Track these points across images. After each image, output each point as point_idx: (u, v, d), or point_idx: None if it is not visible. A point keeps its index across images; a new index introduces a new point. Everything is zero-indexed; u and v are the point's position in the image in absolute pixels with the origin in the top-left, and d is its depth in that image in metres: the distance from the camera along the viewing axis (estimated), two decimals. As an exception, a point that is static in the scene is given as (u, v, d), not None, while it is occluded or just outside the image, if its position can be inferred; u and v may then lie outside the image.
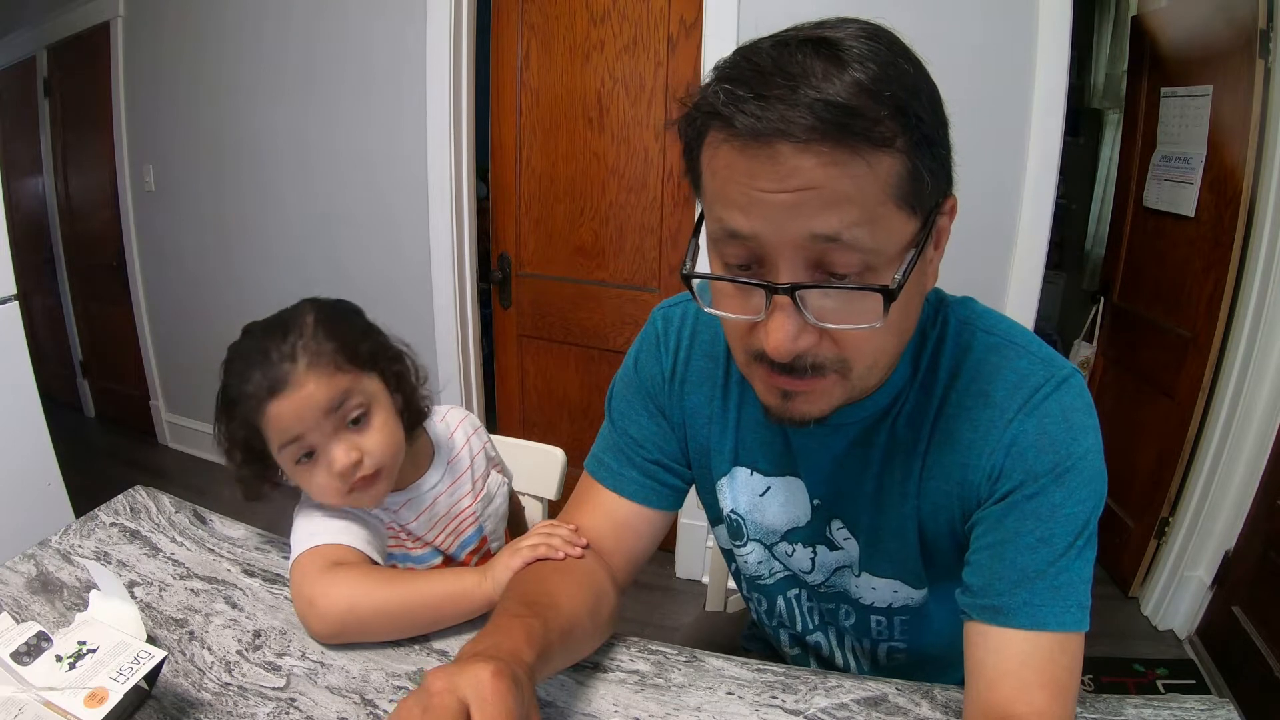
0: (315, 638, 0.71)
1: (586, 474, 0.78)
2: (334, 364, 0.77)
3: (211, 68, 2.43)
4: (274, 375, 0.75)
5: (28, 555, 0.82)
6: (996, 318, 0.64)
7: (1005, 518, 0.58)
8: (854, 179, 0.46)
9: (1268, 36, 1.61)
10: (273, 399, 0.74)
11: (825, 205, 0.46)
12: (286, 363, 0.75)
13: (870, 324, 0.50)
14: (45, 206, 3.14)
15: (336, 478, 0.75)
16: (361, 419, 0.78)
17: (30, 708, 0.54)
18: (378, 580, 0.72)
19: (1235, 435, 1.73)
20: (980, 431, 0.59)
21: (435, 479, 0.89)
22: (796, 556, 0.73)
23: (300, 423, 0.74)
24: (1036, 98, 1.60)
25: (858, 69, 0.45)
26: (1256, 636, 1.60)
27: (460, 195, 2.13)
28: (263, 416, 0.75)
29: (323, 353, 0.77)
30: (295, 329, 0.79)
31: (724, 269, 0.53)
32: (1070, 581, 0.56)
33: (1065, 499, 0.56)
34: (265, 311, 0.87)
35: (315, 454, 0.76)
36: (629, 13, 1.88)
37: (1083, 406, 0.58)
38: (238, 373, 0.78)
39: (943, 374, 0.62)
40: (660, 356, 0.74)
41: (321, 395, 0.75)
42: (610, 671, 0.68)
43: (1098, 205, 2.76)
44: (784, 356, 0.51)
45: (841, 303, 0.50)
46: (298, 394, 0.74)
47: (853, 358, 0.54)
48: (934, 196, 0.51)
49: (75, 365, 3.34)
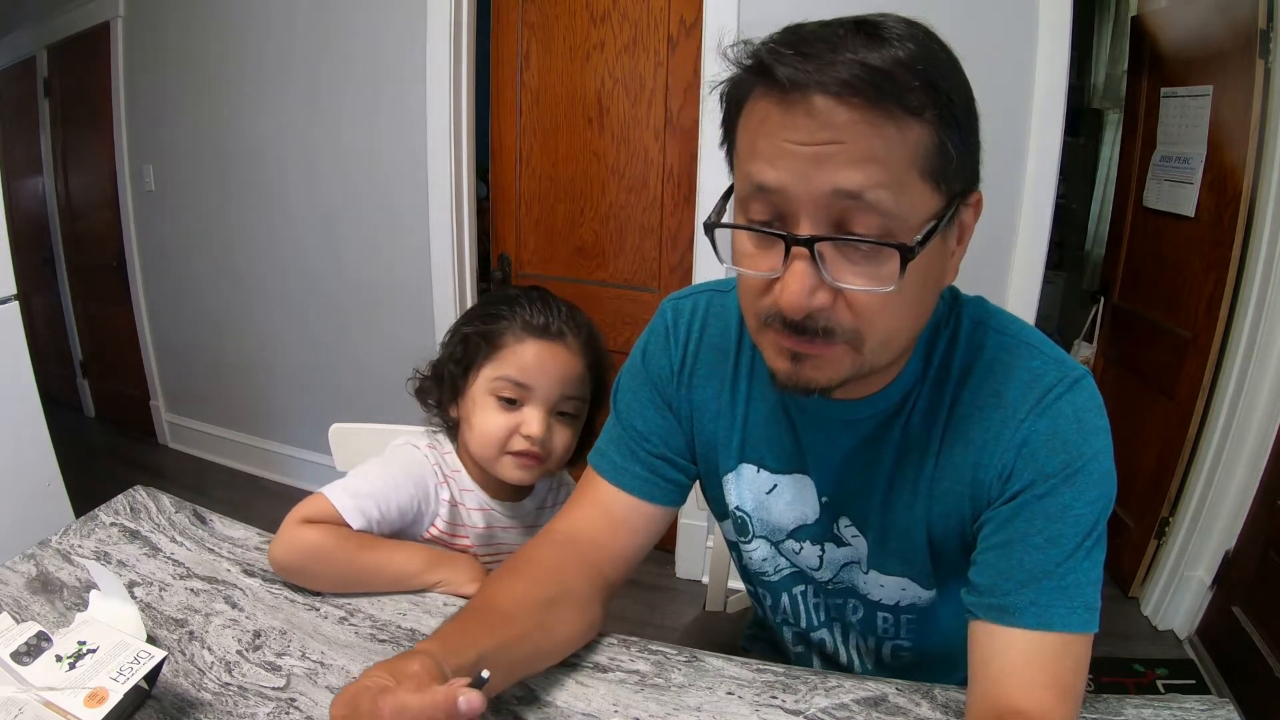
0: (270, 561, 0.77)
1: (589, 468, 0.77)
2: (589, 363, 0.87)
3: (212, 68, 2.43)
4: (554, 326, 0.84)
5: (28, 555, 0.82)
6: (1009, 318, 0.64)
7: (1014, 518, 0.58)
8: (883, 140, 0.47)
9: (1268, 36, 1.61)
10: (538, 338, 0.83)
11: (851, 161, 0.47)
12: (566, 327, 0.85)
13: (886, 287, 0.50)
14: (45, 206, 3.14)
15: (518, 436, 0.82)
16: (569, 418, 0.86)
17: (30, 708, 0.54)
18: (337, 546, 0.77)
19: (1235, 435, 1.73)
20: (992, 431, 0.59)
21: (520, 513, 0.93)
22: (804, 554, 0.73)
23: (540, 371, 0.82)
24: (1036, 98, 1.61)
25: (896, 45, 0.47)
26: (1256, 636, 1.59)
27: (460, 195, 2.13)
28: (518, 343, 0.83)
29: (589, 350, 0.87)
30: (579, 317, 0.89)
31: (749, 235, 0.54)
32: (1078, 582, 0.56)
33: (1074, 499, 0.56)
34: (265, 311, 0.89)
35: (518, 405, 0.83)
36: (629, 13, 1.88)
37: (1094, 407, 0.59)
38: (514, 299, 0.86)
39: (955, 372, 0.62)
40: (669, 349, 0.74)
41: (572, 371, 0.84)
42: (610, 671, 0.68)
43: (1098, 205, 2.77)
44: (797, 312, 0.51)
45: (859, 261, 0.50)
46: (559, 352, 0.83)
47: (865, 329, 0.53)
48: (959, 180, 0.52)
49: (75, 365, 3.34)
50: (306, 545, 0.76)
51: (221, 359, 2.74)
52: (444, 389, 0.88)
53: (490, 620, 0.61)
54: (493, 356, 0.84)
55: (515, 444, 0.83)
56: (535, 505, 0.95)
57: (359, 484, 0.81)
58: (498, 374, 0.83)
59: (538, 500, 0.95)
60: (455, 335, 0.88)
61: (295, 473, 2.68)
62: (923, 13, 0.53)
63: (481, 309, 0.88)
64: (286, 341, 2.56)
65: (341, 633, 0.72)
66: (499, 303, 0.87)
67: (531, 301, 0.86)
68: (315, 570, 0.76)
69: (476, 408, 0.85)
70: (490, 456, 0.84)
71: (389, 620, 0.74)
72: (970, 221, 0.57)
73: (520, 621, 0.62)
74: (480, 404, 0.84)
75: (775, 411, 0.69)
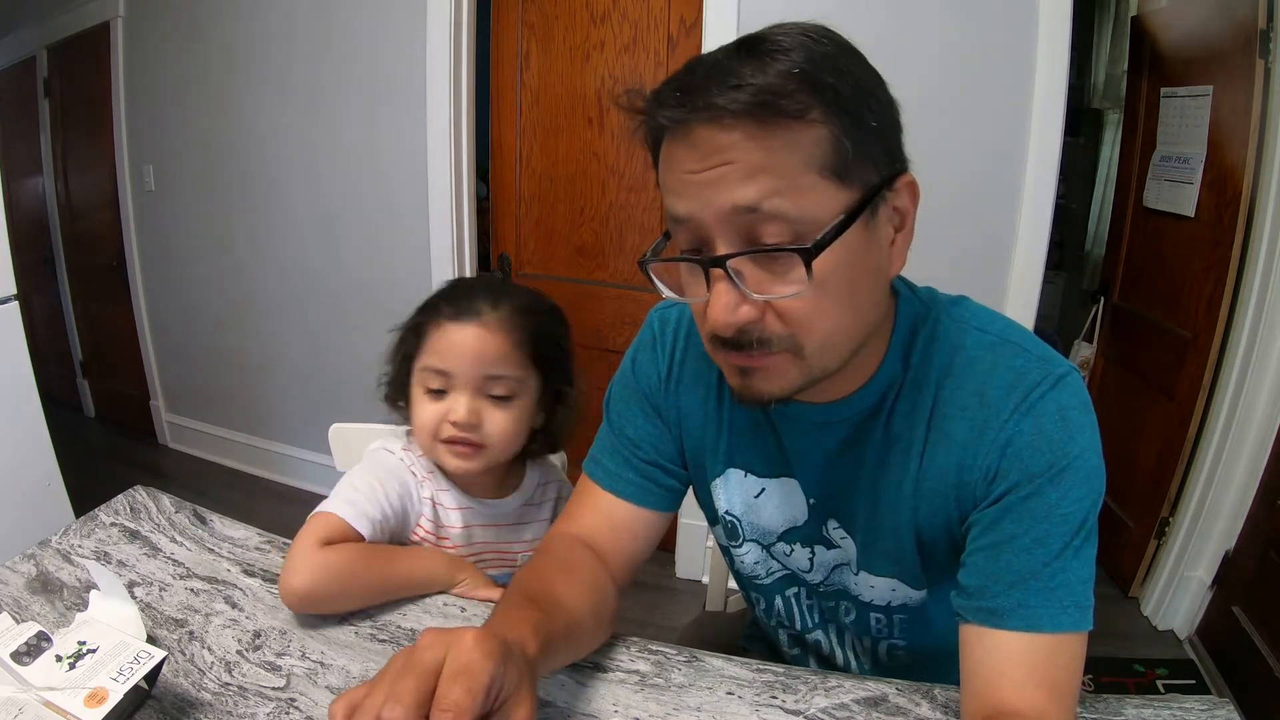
0: (285, 602, 0.73)
1: (585, 475, 0.78)
2: (516, 340, 0.83)
3: (211, 68, 2.43)
4: (470, 306, 0.82)
5: (28, 555, 0.82)
6: (992, 316, 0.64)
7: (1001, 519, 0.58)
8: (768, 151, 0.49)
9: (1268, 36, 1.61)
10: (453, 323, 0.81)
11: (743, 178, 0.49)
12: (486, 305, 0.82)
13: (798, 290, 0.51)
14: (45, 206, 3.14)
15: (443, 424, 0.81)
16: (502, 400, 0.83)
17: (30, 708, 0.54)
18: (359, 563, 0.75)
19: (1235, 435, 1.73)
20: (976, 431, 0.59)
21: (501, 511, 0.91)
22: (795, 556, 0.73)
23: (457, 357, 0.81)
24: (1036, 98, 1.60)
25: (780, 59, 0.49)
26: (1256, 636, 1.59)
27: (460, 195, 2.13)
28: (434, 329, 0.82)
29: (515, 326, 0.83)
30: (511, 292, 0.86)
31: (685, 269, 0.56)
32: (1066, 582, 0.56)
33: (1061, 499, 0.56)
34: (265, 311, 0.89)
35: (445, 394, 0.82)
36: (629, 13, 1.88)
37: (1079, 405, 0.58)
38: (447, 288, 0.86)
39: (934, 371, 0.62)
40: (656, 358, 0.75)
41: (489, 351, 0.81)
42: (610, 671, 0.68)
43: (1098, 205, 2.77)
44: (725, 330, 0.53)
45: (776, 271, 0.52)
46: (475, 332, 0.81)
47: (800, 334, 0.54)
48: (871, 170, 0.52)
49: (75, 365, 3.34)
50: (333, 567, 0.73)
51: (221, 359, 2.74)
52: (393, 383, 0.89)
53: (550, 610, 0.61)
54: (420, 348, 0.84)
55: (444, 431, 0.82)
56: (520, 503, 0.93)
57: (351, 493, 0.81)
58: (423, 364, 0.83)
59: (523, 498, 0.94)
60: (397, 334, 0.89)
61: (295, 473, 2.68)
62: (923, 13, 0.54)
63: (422, 304, 0.88)
64: (286, 341, 2.56)
65: (341, 633, 0.72)
66: (435, 295, 0.87)
67: (469, 287, 0.85)
68: (346, 590, 0.73)
69: (414, 401, 0.85)
70: (429, 447, 0.84)
71: (388, 620, 0.74)
72: (909, 206, 0.57)
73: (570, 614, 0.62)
74: (414, 397, 0.85)
75: (758, 417, 0.69)
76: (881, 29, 1.64)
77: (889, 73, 0.56)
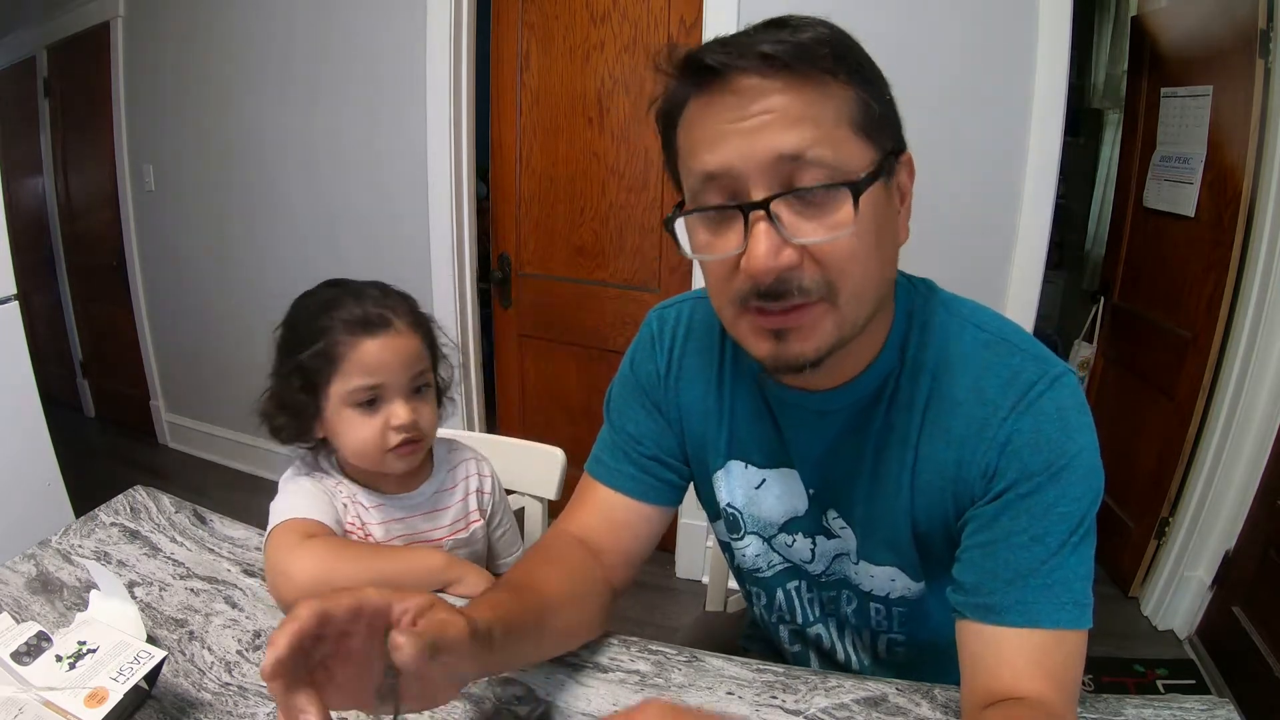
0: (285, 606, 0.72)
1: (585, 474, 0.78)
2: (421, 331, 0.84)
3: (211, 68, 2.43)
4: (374, 314, 0.81)
5: (28, 555, 0.82)
6: (990, 314, 0.65)
7: (999, 516, 0.58)
8: (808, 103, 0.52)
9: (1268, 36, 1.61)
10: (367, 335, 0.80)
11: (786, 126, 0.51)
12: (386, 310, 0.81)
13: (844, 230, 0.52)
14: (45, 206, 3.14)
15: (391, 432, 0.81)
16: (424, 390, 0.85)
17: (30, 708, 0.54)
18: (351, 554, 0.76)
19: (1235, 435, 1.73)
20: (974, 428, 0.59)
21: (415, 501, 0.91)
22: (797, 547, 0.73)
23: (383, 367, 0.80)
24: (1036, 98, 1.60)
25: (808, 30, 0.53)
26: (1256, 636, 1.59)
27: (460, 195, 2.13)
28: (351, 349, 0.80)
29: (416, 320, 0.84)
30: (388, 291, 0.85)
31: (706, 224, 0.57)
32: (1065, 579, 0.56)
33: (1059, 496, 0.56)
34: (265, 311, 0.89)
35: (378, 404, 0.81)
36: (629, 13, 1.88)
37: (1077, 405, 0.59)
38: (327, 304, 0.82)
39: (929, 362, 0.62)
40: (655, 355, 0.76)
41: (413, 349, 0.82)
42: (610, 671, 0.68)
43: (1098, 205, 2.76)
44: (768, 274, 0.53)
45: (814, 216, 0.53)
46: (394, 339, 0.81)
47: (837, 279, 0.54)
48: (888, 137, 0.56)
49: (75, 365, 3.34)
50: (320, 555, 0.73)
51: (221, 359, 2.74)
52: (301, 417, 0.84)
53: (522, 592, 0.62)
54: (335, 371, 0.81)
55: (391, 440, 0.82)
56: (434, 489, 0.92)
57: (293, 501, 0.81)
58: (349, 386, 0.80)
59: (436, 483, 0.93)
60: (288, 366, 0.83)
61: (295, 473, 2.68)
62: (924, 13, 0.54)
63: (301, 328, 0.84)
64: (286, 341, 2.56)
65: (341, 633, 0.72)
66: (313, 315, 0.83)
67: (342, 299, 0.83)
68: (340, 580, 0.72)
69: (340, 423, 0.82)
70: (373, 461, 0.83)
71: (389, 620, 0.74)
72: (908, 183, 0.59)
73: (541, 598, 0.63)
74: (342, 418, 0.82)
75: (758, 408, 0.70)
76: (882, 29, 1.64)
77: (889, 72, 0.57)
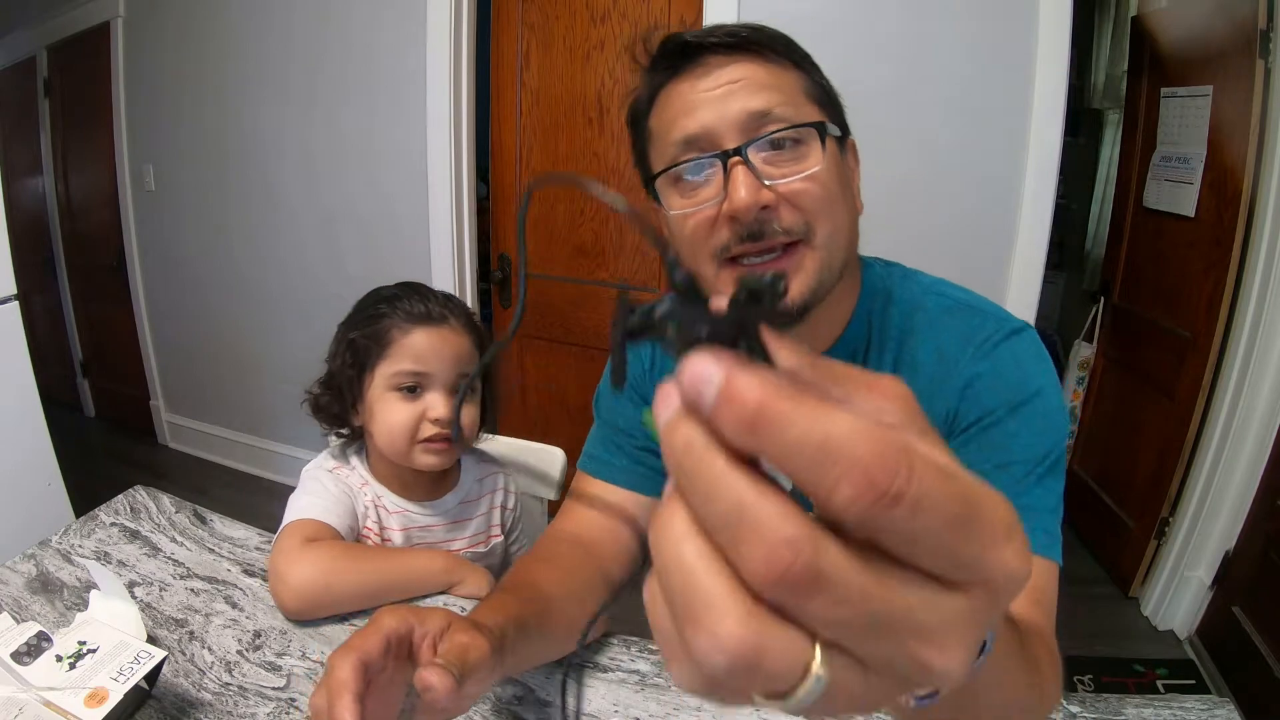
0: (283, 611, 0.72)
1: (579, 473, 0.80)
2: (473, 341, 0.88)
3: (211, 68, 2.43)
4: (431, 310, 0.86)
5: (28, 555, 0.82)
6: (951, 285, 0.68)
7: (962, 450, 0.60)
8: (770, 74, 0.60)
9: (1268, 36, 1.61)
10: (421, 326, 0.84)
11: (754, 90, 0.59)
12: (442, 308, 0.87)
13: (814, 168, 0.58)
14: (45, 206, 3.14)
15: (426, 423, 0.83)
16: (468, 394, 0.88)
17: (30, 708, 0.54)
18: (351, 559, 0.76)
19: (1235, 435, 1.73)
20: (936, 383, 0.62)
21: (439, 510, 0.92)
22: None
23: (432, 356, 0.84)
24: (1036, 98, 1.60)
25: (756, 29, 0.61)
26: (1256, 636, 1.59)
27: (460, 195, 2.13)
28: (403, 334, 0.84)
29: (470, 328, 0.89)
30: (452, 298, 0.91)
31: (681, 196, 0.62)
32: (1030, 505, 0.57)
33: (1021, 428, 0.59)
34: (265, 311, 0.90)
35: (419, 393, 0.84)
36: (629, 13, 1.88)
37: (1035, 355, 0.62)
38: (392, 297, 0.87)
39: (893, 330, 0.66)
40: (638, 350, 0.79)
41: (462, 348, 0.86)
42: (610, 671, 0.68)
43: (1098, 205, 2.76)
44: (750, 210, 0.57)
45: (785, 164, 0.59)
46: (445, 334, 0.85)
47: (813, 219, 0.59)
48: (837, 115, 0.64)
49: (75, 365, 3.33)
50: (323, 560, 0.73)
51: (221, 359, 2.74)
52: (343, 399, 0.88)
53: (523, 593, 0.62)
54: (384, 354, 0.85)
55: (424, 430, 0.84)
56: (459, 500, 0.93)
57: (309, 499, 0.82)
58: (393, 369, 0.84)
59: (462, 494, 0.94)
60: (341, 344, 0.88)
61: (295, 473, 2.65)
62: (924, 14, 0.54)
63: (361, 313, 0.89)
64: (287, 341, 2.56)
65: (341, 633, 0.72)
66: (377, 303, 0.88)
67: (408, 295, 0.87)
68: (341, 581, 0.73)
69: (378, 406, 0.85)
70: (401, 450, 0.84)
71: (389, 620, 0.74)
72: (854, 165, 0.66)
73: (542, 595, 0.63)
74: (381, 400, 0.85)
75: None
76: (882, 29, 1.64)
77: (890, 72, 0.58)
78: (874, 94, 1.67)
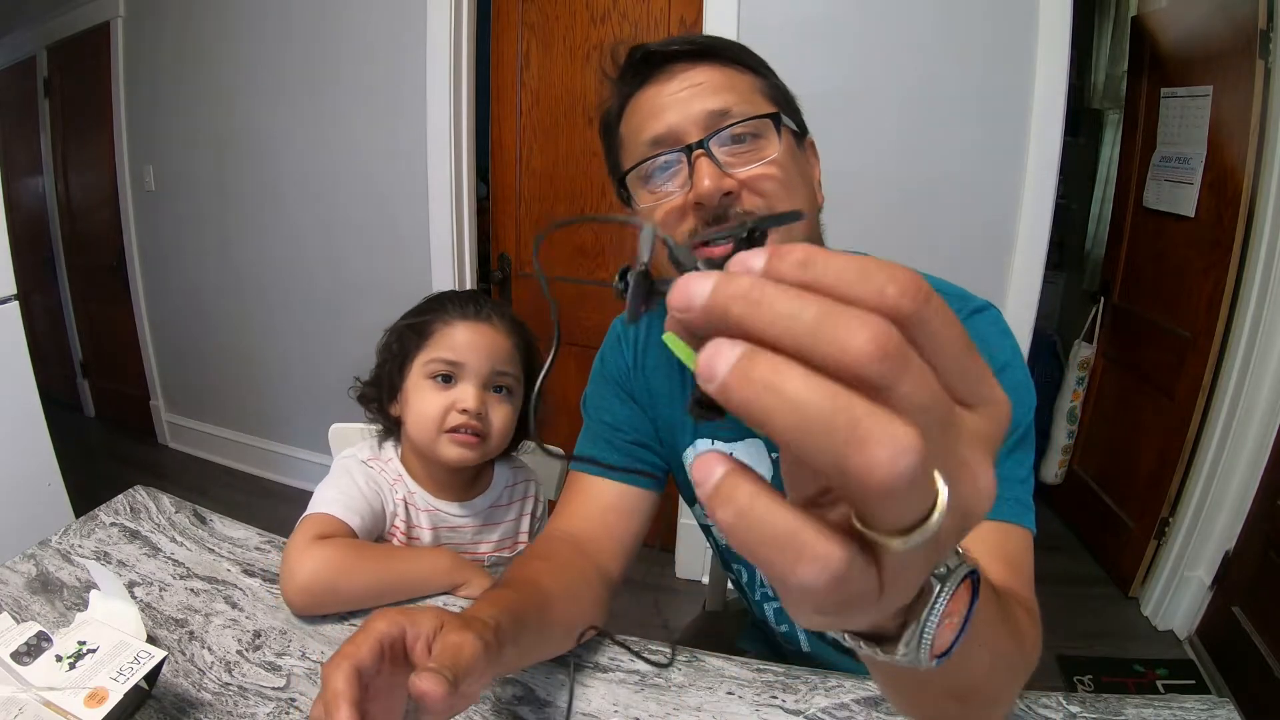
0: (289, 606, 0.73)
1: (571, 472, 0.81)
2: (515, 343, 0.90)
3: (211, 68, 2.43)
4: (476, 310, 0.89)
5: (28, 555, 0.82)
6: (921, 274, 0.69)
7: None
8: (728, 77, 0.66)
9: (1268, 36, 1.61)
10: (465, 321, 0.88)
11: (713, 92, 0.65)
12: (489, 310, 0.90)
13: (772, 155, 0.63)
14: (45, 206, 3.14)
15: (454, 413, 0.85)
16: (502, 392, 0.89)
17: (30, 708, 0.54)
18: (359, 558, 0.76)
19: (1235, 435, 1.73)
20: None
21: (470, 512, 0.92)
22: None
23: (468, 349, 0.86)
24: (1036, 98, 1.60)
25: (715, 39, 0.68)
26: (1256, 636, 1.59)
27: (460, 195, 2.13)
28: (446, 328, 0.87)
29: (515, 331, 0.91)
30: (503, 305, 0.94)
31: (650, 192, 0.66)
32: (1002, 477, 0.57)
33: None
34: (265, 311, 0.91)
35: (452, 382, 0.86)
36: (629, 13, 1.88)
37: (999, 331, 0.64)
38: (445, 297, 0.91)
39: None
40: (622, 350, 0.82)
41: (501, 346, 0.88)
42: (610, 671, 0.68)
43: (1098, 205, 2.76)
44: (714, 195, 0.62)
45: (744, 155, 0.64)
46: (486, 330, 0.87)
47: (774, 204, 0.63)
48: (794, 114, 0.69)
49: (75, 365, 3.34)
50: (333, 559, 0.73)
51: (221, 359, 2.74)
52: (383, 389, 0.91)
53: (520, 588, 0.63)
54: (424, 344, 0.87)
55: (452, 420, 0.85)
56: (489, 503, 0.94)
57: (334, 493, 0.82)
58: (430, 357, 0.86)
59: (493, 498, 0.95)
60: (390, 335, 0.92)
61: (295, 473, 2.68)
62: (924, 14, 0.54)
63: (413, 311, 0.92)
64: (286, 341, 2.56)
65: (342, 632, 0.72)
66: (429, 302, 0.92)
67: (462, 296, 0.92)
68: (348, 582, 0.73)
69: (413, 394, 0.87)
70: (430, 439, 0.85)
71: (389, 620, 0.74)
72: (815, 161, 0.71)
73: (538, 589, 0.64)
74: (416, 388, 0.87)
75: None
76: (881, 29, 1.64)
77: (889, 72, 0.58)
78: (873, 94, 1.67)
